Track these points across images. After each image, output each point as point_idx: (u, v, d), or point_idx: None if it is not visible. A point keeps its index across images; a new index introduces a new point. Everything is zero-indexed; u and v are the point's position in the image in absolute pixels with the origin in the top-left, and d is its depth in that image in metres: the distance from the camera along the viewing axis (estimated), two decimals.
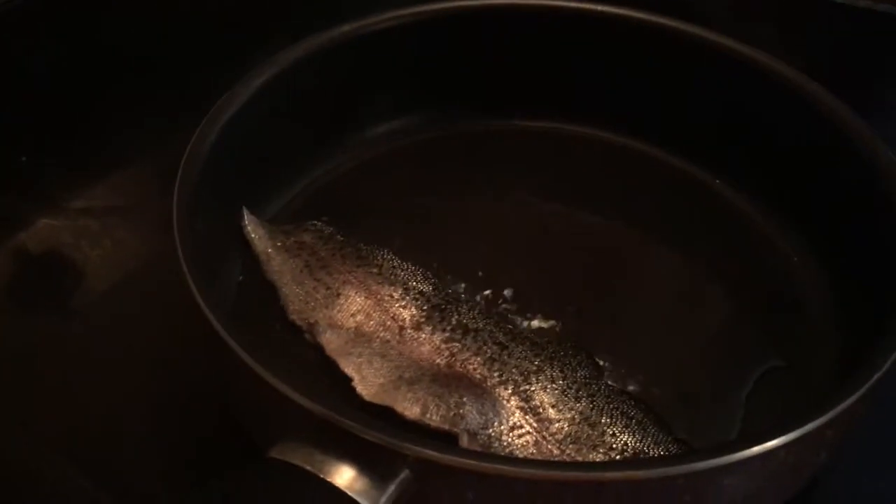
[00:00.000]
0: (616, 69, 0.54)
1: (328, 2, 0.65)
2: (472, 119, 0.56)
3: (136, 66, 0.62)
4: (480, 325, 0.44)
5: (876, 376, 0.36)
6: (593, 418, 0.41)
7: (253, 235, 0.48)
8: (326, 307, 0.45)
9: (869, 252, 0.44)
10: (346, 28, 0.52)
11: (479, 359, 0.43)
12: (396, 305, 0.45)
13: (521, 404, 0.41)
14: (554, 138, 0.56)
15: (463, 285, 0.47)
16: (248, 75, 0.49)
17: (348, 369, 0.42)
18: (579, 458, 0.39)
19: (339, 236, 0.49)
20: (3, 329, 0.48)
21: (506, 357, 0.43)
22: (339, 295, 0.45)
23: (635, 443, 0.40)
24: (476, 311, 0.45)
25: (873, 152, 0.45)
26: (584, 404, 0.41)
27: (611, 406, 0.41)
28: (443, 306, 0.45)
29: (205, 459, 0.41)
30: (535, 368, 0.42)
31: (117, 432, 0.43)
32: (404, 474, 0.33)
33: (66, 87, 0.60)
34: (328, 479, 0.32)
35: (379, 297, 0.46)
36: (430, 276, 0.47)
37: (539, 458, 0.39)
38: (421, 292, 0.46)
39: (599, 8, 0.54)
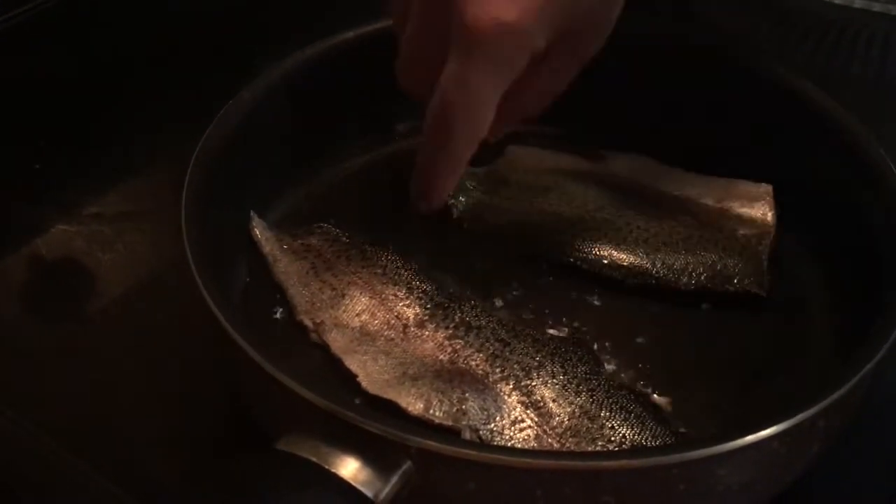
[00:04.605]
0: (611, 75, 0.55)
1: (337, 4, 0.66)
2: None
3: (147, 72, 0.63)
4: (483, 323, 0.45)
5: (867, 367, 0.36)
6: (593, 412, 0.41)
7: (260, 238, 0.48)
8: (332, 307, 0.46)
9: (862, 250, 0.45)
10: (349, 34, 0.53)
11: (481, 355, 0.43)
12: (400, 304, 0.46)
13: (523, 399, 0.41)
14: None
15: (465, 284, 0.48)
16: (254, 80, 0.50)
17: (353, 367, 0.43)
18: None
19: (344, 238, 0.49)
20: (17, 332, 0.49)
21: (507, 353, 0.43)
22: (344, 295, 0.46)
23: (634, 436, 0.40)
24: (479, 310, 0.46)
25: (867, 150, 0.46)
26: (583, 399, 0.42)
27: (610, 400, 0.42)
28: (446, 304, 0.46)
29: (215, 452, 0.42)
30: (536, 364, 0.43)
31: (130, 429, 0.43)
32: (406, 465, 0.34)
33: (78, 94, 0.61)
34: (333, 471, 0.33)
35: (383, 296, 0.46)
36: (434, 275, 0.47)
37: None
38: (424, 291, 0.46)
39: None
